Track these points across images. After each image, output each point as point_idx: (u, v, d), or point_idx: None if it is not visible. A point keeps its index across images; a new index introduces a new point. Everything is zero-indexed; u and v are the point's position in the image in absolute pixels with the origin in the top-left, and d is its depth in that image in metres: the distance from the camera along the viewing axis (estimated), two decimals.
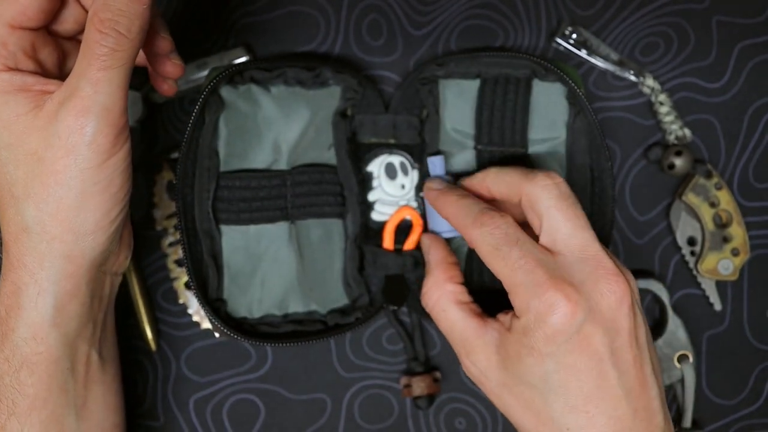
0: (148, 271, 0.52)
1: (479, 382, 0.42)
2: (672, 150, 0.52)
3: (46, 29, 0.40)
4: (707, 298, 0.53)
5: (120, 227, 0.40)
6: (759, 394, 0.53)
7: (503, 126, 0.49)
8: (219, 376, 0.52)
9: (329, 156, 0.50)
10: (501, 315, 0.40)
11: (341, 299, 0.50)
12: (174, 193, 0.50)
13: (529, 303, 0.37)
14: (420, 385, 0.50)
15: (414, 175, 0.51)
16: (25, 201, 0.38)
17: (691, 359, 0.51)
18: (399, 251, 0.50)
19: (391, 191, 0.51)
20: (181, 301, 0.52)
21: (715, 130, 0.53)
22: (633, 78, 0.53)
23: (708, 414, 0.53)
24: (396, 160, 0.51)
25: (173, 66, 0.43)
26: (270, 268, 0.49)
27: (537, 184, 0.40)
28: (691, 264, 0.53)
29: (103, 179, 0.38)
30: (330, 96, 0.50)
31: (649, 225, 0.53)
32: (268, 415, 0.52)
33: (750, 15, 0.54)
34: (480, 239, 0.40)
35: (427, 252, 0.47)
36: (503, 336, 0.39)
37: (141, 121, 0.52)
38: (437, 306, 0.43)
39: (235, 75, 0.48)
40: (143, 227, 0.52)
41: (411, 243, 0.50)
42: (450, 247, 0.48)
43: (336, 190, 0.50)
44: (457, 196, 0.44)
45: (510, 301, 0.39)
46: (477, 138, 0.50)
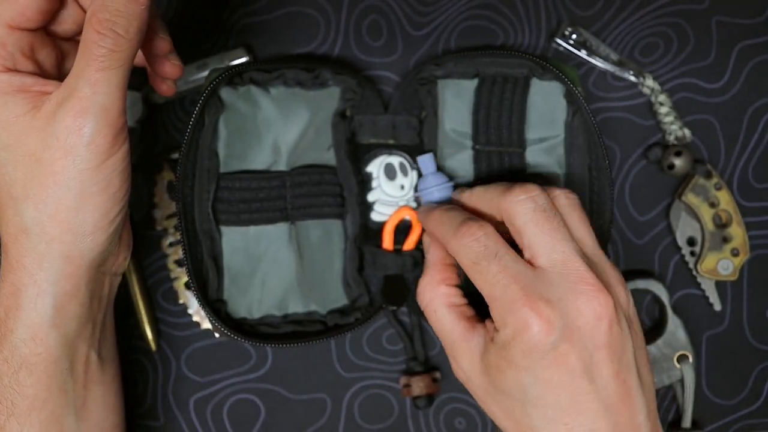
0: (148, 271, 0.52)
1: (465, 384, 0.42)
2: (672, 150, 0.52)
3: (44, 30, 0.40)
4: (707, 298, 0.53)
5: (119, 228, 0.40)
6: (759, 394, 0.53)
7: (500, 126, 0.49)
8: (219, 376, 0.52)
9: (329, 157, 0.50)
10: (488, 322, 0.40)
11: (341, 299, 0.50)
12: (174, 194, 0.50)
13: (506, 318, 0.37)
14: (419, 385, 0.50)
15: (413, 176, 0.51)
16: (24, 202, 0.38)
17: (691, 359, 0.51)
18: (398, 251, 0.50)
19: (391, 192, 0.51)
20: (182, 301, 0.52)
21: (715, 130, 0.53)
22: (633, 78, 0.53)
23: (708, 414, 0.53)
24: (395, 160, 0.51)
25: (172, 66, 0.43)
26: (270, 268, 0.49)
27: (512, 199, 0.39)
28: (691, 264, 0.53)
29: (102, 180, 0.38)
30: (329, 97, 0.50)
31: (649, 225, 0.53)
32: (268, 415, 0.52)
33: (750, 15, 0.54)
34: (460, 252, 0.39)
35: (427, 251, 0.46)
36: (487, 344, 0.39)
37: (141, 122, 0.52)
38: (429, 306, 0.43)
39: (235, 76, 0.48)
40: (143, 227, 0.52)
41: (410, 243, 0.50)
42: None
43: (335, 190, 0.50)
44: (441, 210, 0.43)
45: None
46: (475, 138, 0.50)
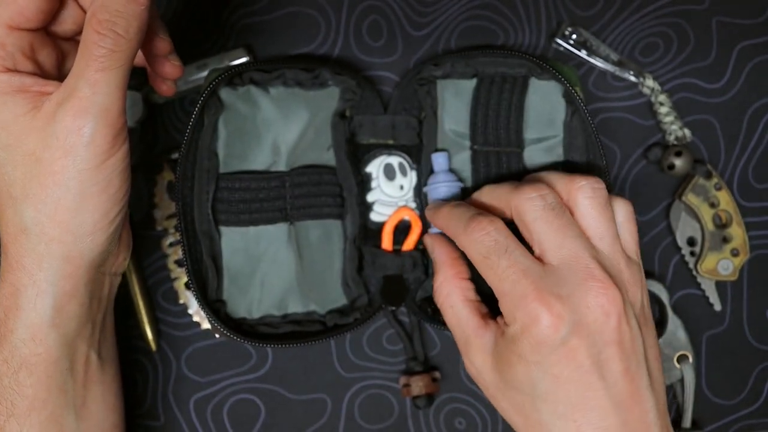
0: (148, 271, 0.52)
1: (477, 380, 0.42)
2: (672, 150, 0.52)
3: (44, 30, 0.40)
4: (707, 298, 0.53)
5: (119, 228, 0.40)
6: (759, 394, 0.53)
7: (498, 126, 0.49)
8: (219, 376, 0.52)
9: (328, 157, 0.50)
10: (500, 318, 0.40)
11: (340, 300, 0.50)
12: (174, 194, 0.50)
13: (515, 314, 0.37)
14: (419, 385, 0.50)
15: (412, 176, 0.51)
16: (24, 202, 0.38)
17: (691, 359, 0.51)
18: (398, 252, 0.50)
19: (390, 192, 0.51)
20: (182, 302, 0.52)
21: (715, 130, 0.53)
22: (633, 78, 0.53)
23: (708, 414, 0.53)
24: (395, 160, 0.51)
25: (172, 67, 0.43)
26: (269, 268, 0.49)
27: (522, 197, 0.40)
28: (691, 264, 0.53)
29: (102, 180, 0.37)
30: (329, 97, 0.50)
31: (649, 225, 0.53)
32: (268, 415, 0.52)
33: (750, 16, 0.53)
34: (470, 246, 0.40)
35: (432, 251, 0.47)
36: (498, 339, 0.40)
37: (141, 122, 0.52)
38: (446, 301, 0.43)
39: (235, 76, 0.48)
40: (143, 227, 0.52)
41: (409, 243, 0.50)
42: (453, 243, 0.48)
43: (335, 191, 0.50)
44: (450, 206, 0.44)
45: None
46: (473, 138, 0.50)
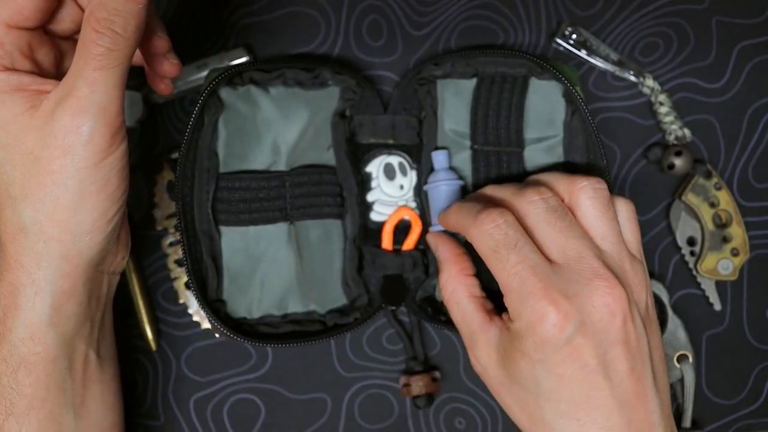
0: (148, 271, 0.52)
1: (482, 376, 0.42)
2: (672, 150, 0.52)
3: (42, 29, 0.40)
4: (707, 298, 0.53)
5: (117, 227, 0.40)
6: (759, 394, 0.53)
7: (498, 125, 0.49)
8: (219, 375, 0.52)
9: (328, 157, 0.50)
10: (505, 314, 0.40)
11: (340, 299, 0.50)
12: (174, 194, 0.50)
13: (521, 310, 0.37)
14: (419, 385, 0.50)
15: (412, 176, 0.51)
16: (22, 201, 0.38)
17: (691, 359, 0.51)
18: (398, 251, 0.50)
19: (390, 192, 0.51)
20: (182, 301, 0.52)
21: (715, 130, 0.53)
22: (633, 78, 0.53)
23: (708, 414, 0.53)
24: (395, 160, 0.51)
25: (170, 65, 0.43)
26: (269, 268, 0.49)
27: (524, 200, 0.40)
28: (691, 264, 0.53)
29: (100, 179, 0.37)
30: (329, 97, 0.50)
31: (649, 225, 0.53)
32: (268, 415, 0.52)
33: (750, 15, 0.53)
34: (479, 239, 0.40)
35: (435, 249, 0.47)
36: (503, 335, 0.40)
37: (141, 122, 0.52)
38: (452, 298, 0.44)
39: (235, 76, 0.48)
40: (143, 227, 0.52)
41: (409, 243, 0.50)
42: (456, 239, 0.48)
43: (335, 190, 0.50)
44: (460, 200, 0.44)
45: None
46: (473, 138, 0.49)
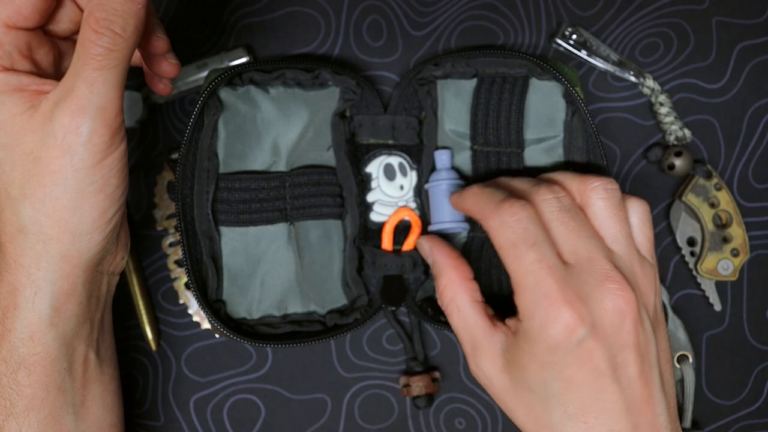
0: (148, 271, 0.52)
1: (483, 383, 0.41)
2: (672, 150, 0.52)
3: (42, 29, 0.40)
4: (707, 298, 0.53)
5: (116, 227, 0.40)
6: (759, 394, 0.53)
7: (498, 126, 0.49)
8: (219, 376, 0.52)
9: (328, 157, 0.50)
10: (509, 320, 0.40)
11: (340, 300, 0.50)
12: (174, 194, 0.50)
13: (534, 311, 0.37)
14: (418, 385, 0.50)
15: (412, 176, 0.51)
16: (22, 202, 0.38)
17: (691, 359, 0.51)
18: (397, 252, 0.50)
19: (390, 192, 0.51)
20: (182, 302, 0.52)
21: (715, 130, 0.53)
22: (633, 79, 0.53)
23: (708, 414, 0.53)
24: (395, 161, 0.51)
25: (169, 66, 0.42)
26: (269, 269, 0.49)
27: (537, 197, 0.39)
28: (691, 264, 0.53)
29: (99, 179, 0.38)
30: (329, 97, 0.50)
31: None
32: (268, 415, 0.52)
33: (750, 16, 0.53)
34: (498, 230, 0.38)
35: (430, 253, 0.46)
36: (509, 340, 0.39)
37: (141, 122, 0.52)
38: (452, 303, 0.43)
39: (234, 77, 0.48)
40: (143, 227, 0.52)
41: (409, 244, 0.50)
42: (451, 243, 0.47)
43: (335, 191, 0.50)
44: (479, 186, 0.42)
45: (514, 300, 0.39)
46: (473, 138, 0.49)
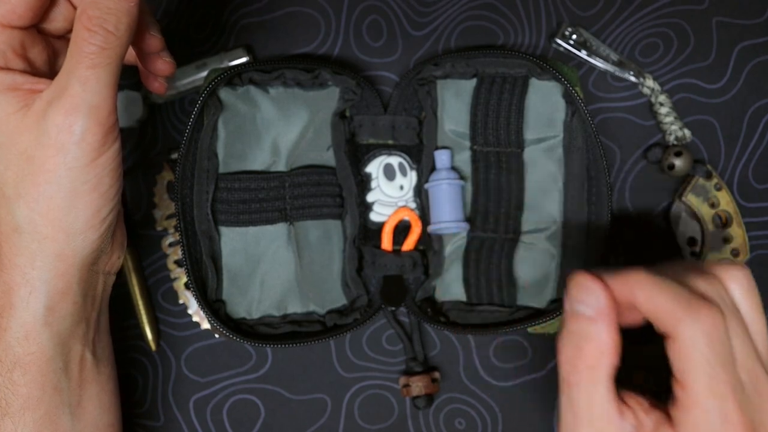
0: (148, 271, 0.52)
1: None
2: (672, 151, 0.52)
3: (36, 28, 0.40)
4: None
5: (111, 226, 0.40)
6: None
7: (498, 126, 0.49)
8: (219, 376, 0.52)
9: (328, 157, 0.50)
10: (637, 406, 0.33)
11: (340, 300, 0.50)
12: (173, 194, 0.50)
13: (703, 430, 0.31)
14: (418, 385, 0.50)
15: (412, 176, 0.51)
16: (17, 201, 0.38)
17: None
18: (397, 252, 0.50)
19: (390, 192, 0.51)
20: (181, 302, 0.52)
21: (715, 130, 0.53)
22: (633, 79, 0.53)
23: None
24: (394, 161, 0.51)
25: (164, 64, 0.43)
26: (269, 269, 0.49)
27: (722, 304, 0.33)
28: None
29: (93, 178, 0.38)
30: (328, 97, 0.50)
31: (649, 225, 0.53)
32: (268, 415, 0.52)
33: (750, 16, 0.53)
34: (695, 339, 0.31)
35: (585, 292, 0.34)
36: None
37: (141, 122, 0.52)
38: (587, 376, 0.33)
39: (234, 77, 0.48)
40: (143, 227, 0.52)
41: (409, 244, 0.50)
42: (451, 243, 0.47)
43: (335, 191, 0.50)
44: (657, 277, 0.34)
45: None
46: (473, 138, 0.49)
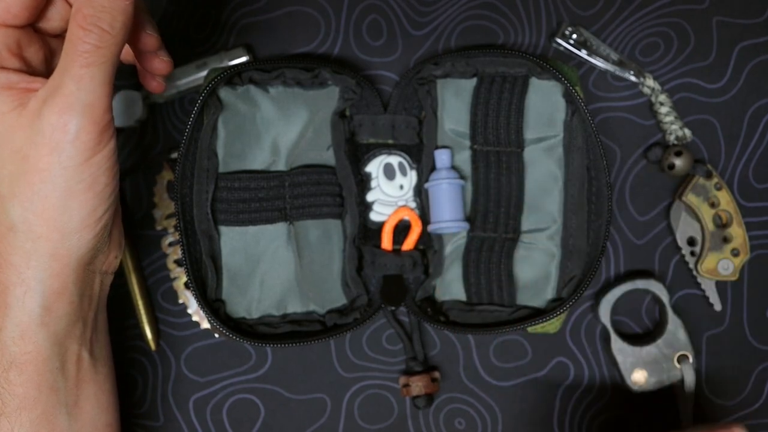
0: (148, 271, 0.52)
1: None
2: (672, 150, 0.52)
3: (32, 27, 0.40)
4: (707, 298, 0.53)
5: (107, 226, 0.40)
6: (759, 394, 0.53)
7: (498, 125, 0.49)
8: (219, 376, 0.52)
9: (328, 156, 0.50)
10: None
11: (340, 299, 0.50)
12: (173, 194, 0.50)
13: None
14: (418, 385, 0.50)
15: (412, 176, 0.51)
16: (11, 200, 0.37)
17: (691, 359, 0.51)
18: (397, 251, 0.50)
19: (390, 192, 0.51)
20: (181, 301, 0.52)
21: (715, 130, 0.53)
22: (633, 78, 0.53)
23: (708, 414, 0.53)
24: (394, 160, 0.51)
25: (161, 63, 0.42)
26: (269, 268, 0.49)
27: None
28: (691, 264, 0.53)
29: (88, 177, 0.37)
30: (328, 96, 0.50)
31: (649, 225, 0.53)
32: (268, 415, 0.52)
33: (750, 16, 0.53)
34: None
35: None
36: None
37: (141, 121, 0.52)
38: None
39: (234, 76, 0.48)
40: (143, 227, 0.52)
41: (409, 243, 0.50)
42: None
43: (334, 190, 0.50)
44: None
45: None
46: (473, 138, 0.49)
